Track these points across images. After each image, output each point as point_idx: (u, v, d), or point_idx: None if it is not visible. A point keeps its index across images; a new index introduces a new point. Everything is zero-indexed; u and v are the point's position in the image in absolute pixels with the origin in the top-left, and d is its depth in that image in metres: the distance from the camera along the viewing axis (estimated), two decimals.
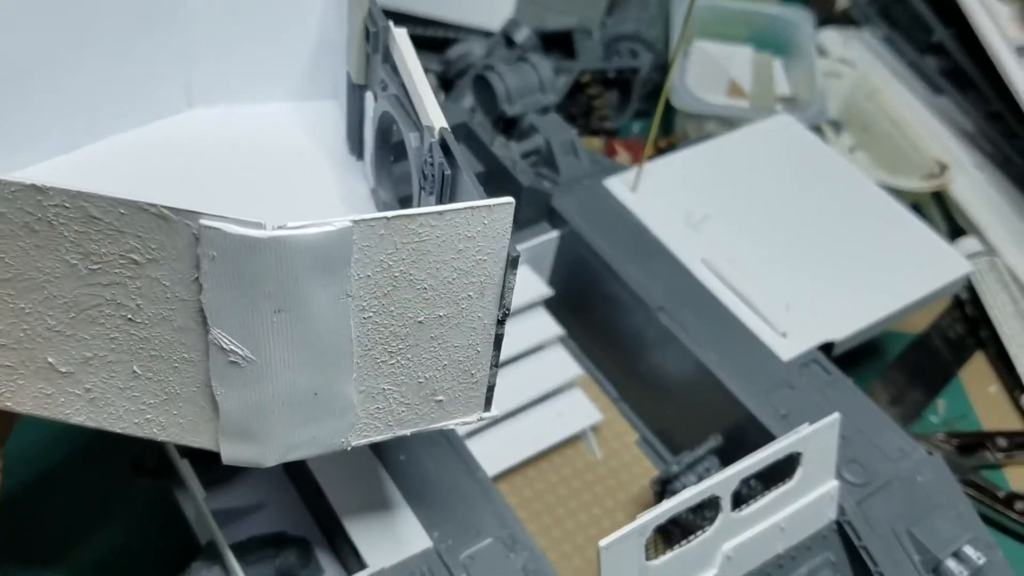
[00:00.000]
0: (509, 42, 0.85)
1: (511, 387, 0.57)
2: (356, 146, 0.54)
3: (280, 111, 0.56)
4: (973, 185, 0.85)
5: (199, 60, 0.53)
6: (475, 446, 0.53)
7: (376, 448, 0.47)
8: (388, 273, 0.34)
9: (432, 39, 0.90)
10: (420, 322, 0.36)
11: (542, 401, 0.58)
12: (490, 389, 0.40)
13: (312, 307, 0.34)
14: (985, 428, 0.72)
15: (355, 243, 0.33)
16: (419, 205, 0.45)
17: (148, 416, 0.36)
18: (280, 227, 0.31)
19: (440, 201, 0.42)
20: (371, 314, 0.35)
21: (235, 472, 0.51)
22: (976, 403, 0.74)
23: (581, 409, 0.59)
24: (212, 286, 0.32)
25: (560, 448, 0.58)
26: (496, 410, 0.44)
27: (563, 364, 0.59)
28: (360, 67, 0.50)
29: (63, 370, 0.35)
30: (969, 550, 0.49)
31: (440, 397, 0.39)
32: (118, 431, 0.37)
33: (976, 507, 0.57)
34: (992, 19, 0.80)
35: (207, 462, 0.49)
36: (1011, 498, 0.66)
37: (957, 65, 0.89)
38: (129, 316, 0.34)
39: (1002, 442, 0.69)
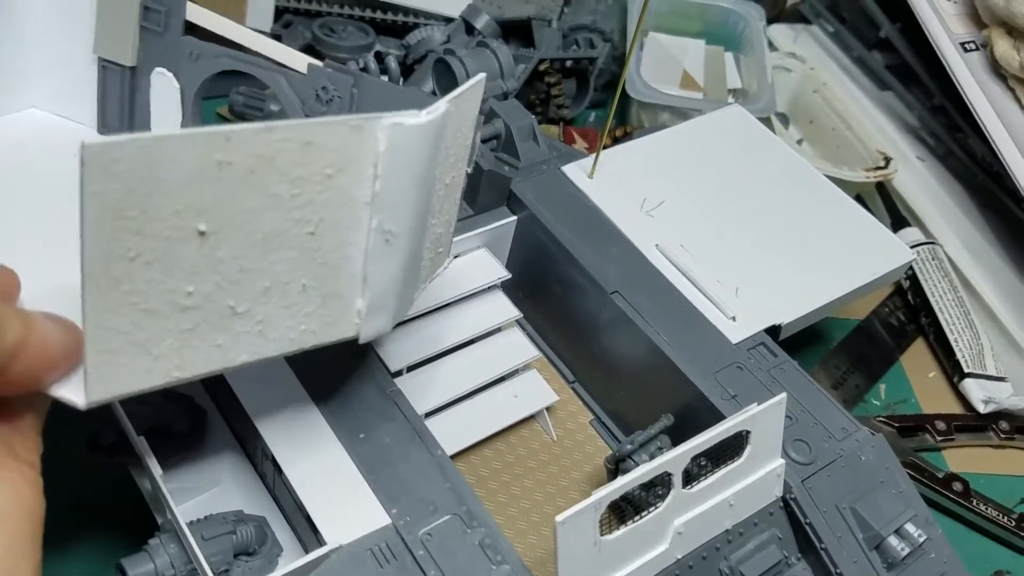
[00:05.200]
0: (469, 28, 0.85)
1: (469, 368, 0.57)
2: (125, 127, 0.55)
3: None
4: (915, 177, 0.87)
5: None
6: (433, 425, 0.53)
7: (335, 425, 0.47)
8: (444, 143, 0.40)
9: (392, 24, 0.90)
10: (447, 184, 0.43)
11: (499, 382, 0.59)
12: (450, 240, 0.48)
13: (430, 179, 0.40)
14: (925, 412, 0.74)
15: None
16: None
17: (303, 327, 0.39)
18: (428, 111, 0.37)
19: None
20: (436, 182, 0.41)
21: (192, 450, 0.51)
22: (916, 388, 0.76)
23: (537, 390, 0.59)
24: (385, 178, 0.37)
25: (516, 428, 0.59)
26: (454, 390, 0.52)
27: (520, 346, 0.60)
28: (133, 49, 0.53)
29: (241, 310, 0.36)
30: (910, 527, 0.50)
31: (440, 248, 0.46)
32: (275, 355, 0.39)
33: (916, 487, 0.59)
34: (937, 15, 0.83)
35: (163, 440, 0.49)
36: (949, 479, 0.68)
37: (903, 60, 0.91)
38: (311, 231, 0.37)
39: (941, 425, 0.72)
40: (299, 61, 0.51)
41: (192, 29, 0.52)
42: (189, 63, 0.52)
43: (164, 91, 0.53)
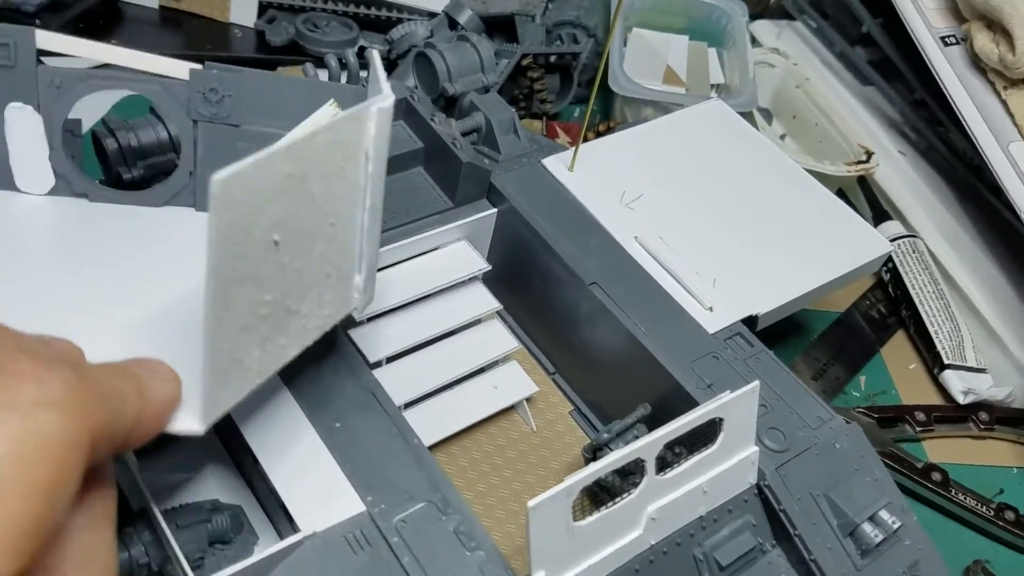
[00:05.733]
0: (452, 23, 0.86)
1: (449, 359, 0.58)
2: None
3: None
4: (897, 171, 0.88)
5: None
6: (412, 416, 0.53)
7: (311, 414, 0.48)
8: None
9: (376, 19, 0.90)
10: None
11: (479, 373, 0.59)
12: None
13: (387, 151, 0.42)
14: (905, 403, 0.75)
15: None
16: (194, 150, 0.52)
17: (327, 312, 0.42)
18: (385, 95, 0.39)
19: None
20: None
21: (168, 440, 0.51)
22: (897, 379, 0.77)
23: (517, 381, 0.60)
24: (375, 160, 0.40)
25: (496, 419, 0.59)
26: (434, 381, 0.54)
27: (500, 338, 0.60)
28: None
29: (294, 308, 0.39)
30: (884, 514, 0.51)
31: None
32: (311, 343, 0.41)
33: (895, 478, 0.60)
34: (918, 10, 0.83)
35: None
36: (929, 469, 0.69)
37: (885, 55, 0.92)
38: (332, 222, 0.39)
39: (920, 416, 0.73)
40: (179, 68, 0.50)
41: (51, 55, 0.49)
42: (51, 92, 0.49)
43: (23, 126, 0.50)
